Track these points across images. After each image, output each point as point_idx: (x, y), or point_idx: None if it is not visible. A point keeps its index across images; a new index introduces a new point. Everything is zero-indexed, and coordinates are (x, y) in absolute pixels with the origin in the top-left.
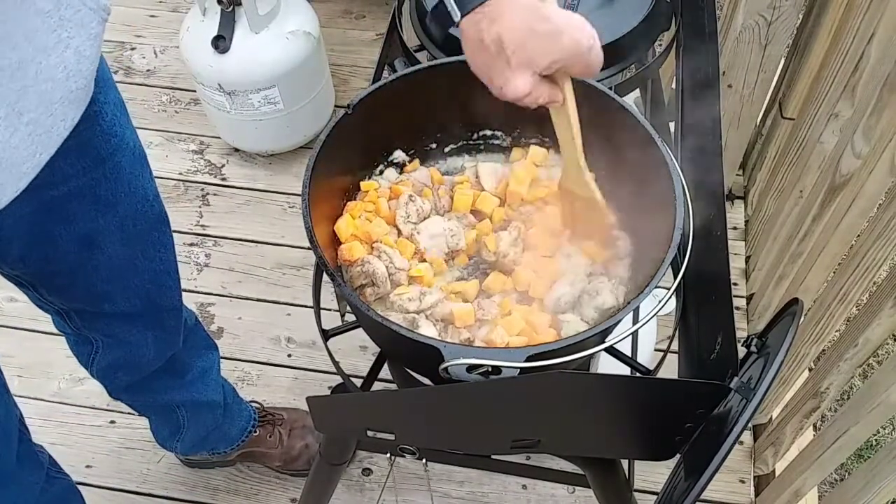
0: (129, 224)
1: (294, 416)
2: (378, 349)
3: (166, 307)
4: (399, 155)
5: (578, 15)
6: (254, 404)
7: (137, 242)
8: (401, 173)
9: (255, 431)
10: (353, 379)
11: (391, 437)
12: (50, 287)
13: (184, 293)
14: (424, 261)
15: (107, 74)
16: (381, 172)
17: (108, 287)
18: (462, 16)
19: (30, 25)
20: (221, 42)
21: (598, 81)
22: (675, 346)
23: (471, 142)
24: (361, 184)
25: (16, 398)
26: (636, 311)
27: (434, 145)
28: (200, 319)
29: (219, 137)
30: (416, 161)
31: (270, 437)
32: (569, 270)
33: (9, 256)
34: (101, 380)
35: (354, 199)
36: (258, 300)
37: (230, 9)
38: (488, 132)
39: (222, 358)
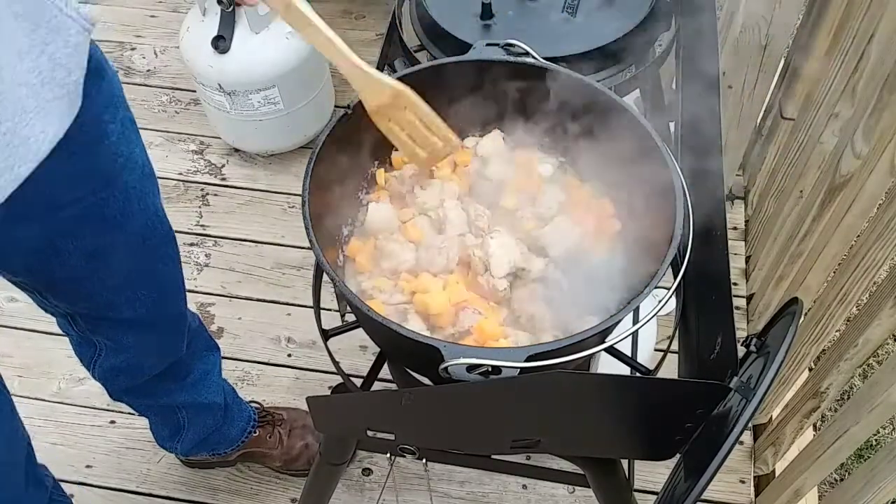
0: (137, 240)
1: (294, 416)
2: (378, 349)
3: (171, 315)
4: (399, 154)
5: None
6: (254, 404)
7: (143, 257)
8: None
9: (255, 432)
10: (353, 379)
11: (391, 437)
12: (56, 293)
13: None
14: None
15: (117, 91)
16: None
17: (114, 296)
18: None
19: (7, 29)
20: (221, 42)
21: (599, 81)
22: (675, 346)
23: None
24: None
25: (16, 398)
26: (636, 311)
27: None
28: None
29: (219, 137)
30: None
31: (270, 437)
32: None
33: (14, 267)
34: (103, 382)
35: None
36: (258, 300)
37: (230, 9)
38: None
39: (222, 358)
